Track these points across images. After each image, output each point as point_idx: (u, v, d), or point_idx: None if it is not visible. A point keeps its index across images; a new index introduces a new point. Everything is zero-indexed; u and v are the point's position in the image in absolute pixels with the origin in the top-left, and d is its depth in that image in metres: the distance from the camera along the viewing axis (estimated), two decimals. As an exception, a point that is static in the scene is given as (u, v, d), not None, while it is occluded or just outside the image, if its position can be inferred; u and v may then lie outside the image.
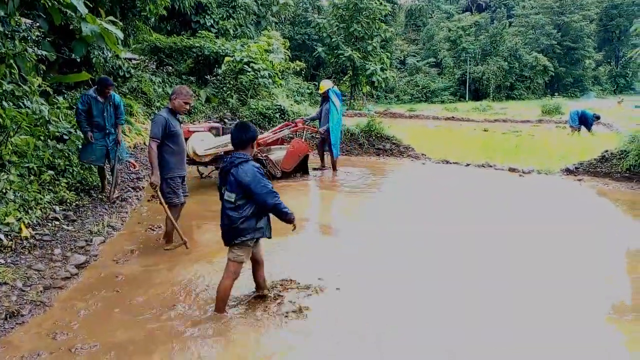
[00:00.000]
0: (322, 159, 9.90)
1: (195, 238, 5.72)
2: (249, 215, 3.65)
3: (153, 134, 4.93)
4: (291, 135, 10.14)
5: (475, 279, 4.72)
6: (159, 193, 5.00)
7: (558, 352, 3.43)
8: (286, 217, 3.67)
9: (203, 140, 7.95)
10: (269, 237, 3.93)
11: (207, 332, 3.61)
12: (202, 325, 3.70)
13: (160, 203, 5.06)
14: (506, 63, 46.28)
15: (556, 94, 37.86)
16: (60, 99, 8.49)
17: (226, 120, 10.54)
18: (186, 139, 7.69)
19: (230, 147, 7.37)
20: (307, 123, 9.86)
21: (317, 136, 9.16)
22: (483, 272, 4.91)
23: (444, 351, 3.42)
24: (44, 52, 7.22)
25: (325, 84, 9.29)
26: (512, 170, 9.91)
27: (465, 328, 3.75)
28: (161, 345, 3.43)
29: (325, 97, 9.28)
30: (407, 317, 3.91)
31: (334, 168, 9.62)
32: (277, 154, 8.81)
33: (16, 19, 6.05)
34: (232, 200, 3.62)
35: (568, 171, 9.71)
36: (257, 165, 3.67)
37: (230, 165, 3.63)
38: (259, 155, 8.37)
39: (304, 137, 9.49)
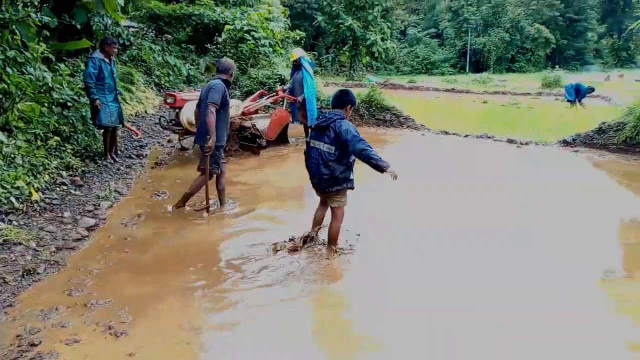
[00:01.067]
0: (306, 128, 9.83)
1: (196, 204, 5.85)
2: (346, 167, 4.19)
3: (214, 99, 5.05)
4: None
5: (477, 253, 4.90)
6: (206, 159, 5.19)
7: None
8: (376, 162, 4.00)
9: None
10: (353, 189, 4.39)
11: (214, 286, 3.81)
12: (209, 280, 3.90)
13: (201, 168, 5.30)
14: (508, 35, 45.78)
15: (557, 66, 37.57)
16: (62, 66, 8.50)
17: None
18: (179, 108, 7.95)
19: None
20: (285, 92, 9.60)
21: (296, 105, 9.08)
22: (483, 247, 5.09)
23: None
24: (47, 19, 7.21)
25: (297, 52, 9.10)
26: (510, 141, 10.03)
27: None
28: (170, 299, 3.64)
29: (298, 66, 8.97)
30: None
31: (307, 134, 9.62)
32: (261, 123, 8.83)
33: (21, -15, 6.02)
34: (333, 151, 4.13)
35: (565, 142, 9.84)
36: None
37: (329, 121, 4.15)
38: (244, 123, 8.32)
39: (284, 106, 9.39)
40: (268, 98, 9.40)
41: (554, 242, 5.00)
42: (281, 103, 9.55)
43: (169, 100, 8.40)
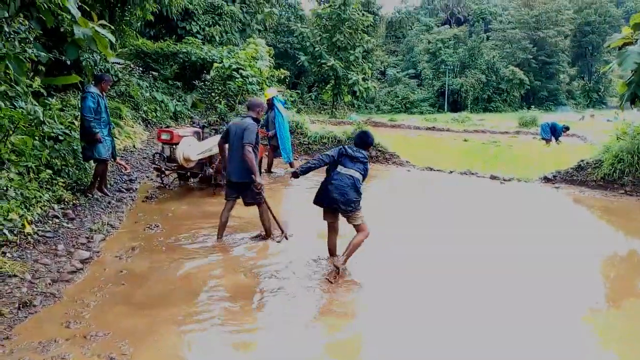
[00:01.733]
0: (270, 165, 10.19)
1: (190, 237, 5.86)
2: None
3: (250, 140, 5.36)
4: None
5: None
6: (261, 194, 5.60)
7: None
8: None
9: (190, 145, 7.81)
10: None
11: (211, 319, 3.81)
12: (206, 313, 3.90)
13: (263, 203, 5.70)
14: (484, 76, 47.45)
15: (532, 106, 38.87)
16: (53, 100, 8.53)
17: (194, 121, 10.02)
18: (175, 144, 7.79)
19: (215, 151, 7.64)
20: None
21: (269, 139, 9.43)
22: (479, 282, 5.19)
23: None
24: (42, 54, 7.30)
25: (271, 92, 9.43)
26: (493, 178, 10.29)
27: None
28: (168, 331, 3.63)
29: (271, 105, 9.26)
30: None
31: (269, 169, 10.07)
32: None
33: (20, 20, 6.14)
34: (361, 180, 4.90)
35: (546, 179, 10.13)
36: None
37: (363, 156, 4.91)
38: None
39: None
40: None
41: (543, 276, 5.13)
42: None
43: (164, 137, 8.03)
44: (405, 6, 64.00)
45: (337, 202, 4.77)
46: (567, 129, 18.80)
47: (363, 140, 5.00)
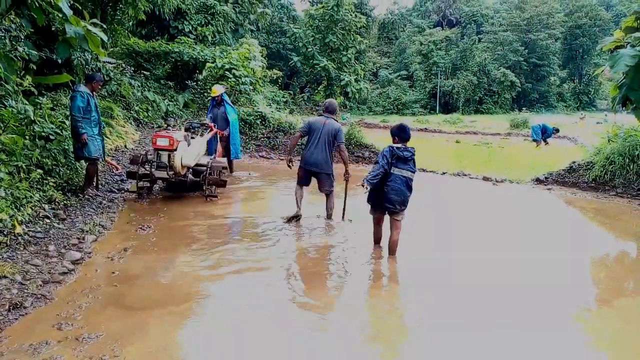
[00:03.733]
0: (230, 164, 9.75)
1: (182, 237, 5.83)
2: None
3: (344, 140, 6.66)
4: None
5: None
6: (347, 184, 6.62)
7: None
8: None
9: (185, 150, 7.39)
10: None
11: (205, 321, 3.77)
12: (199, 314, 3.86)
13: (327, 189, 6.65)
14: (475, 78, 47.63)
15: (523, 109, 39.13)
16: (43, 99, 8.44)
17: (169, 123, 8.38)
18: (173, 150, 7.04)
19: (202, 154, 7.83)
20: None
21: (222, 140, 9.15)
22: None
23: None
24: (33, 52, 7.22)
25: (218, 89, 9.13)
26: (486, 179, 10.34)
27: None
28: (162, 333, 3.60)
29: (219, 102, 9.14)
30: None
31: (231, 170, 9.73)
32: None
33: (11, 18, 6.06)
34: (412, 178, 5.17)
35: (538, 181, 10.19)
36: None
37: (411, 153, 5.21)
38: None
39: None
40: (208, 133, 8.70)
41: (534, 275, 5.15)
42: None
43: (161, 143, 7.11)
44: (398, 8, 64.17)
45: (395, 203, 5.16)
46: (557, 131, 19.07)
47: (408, 133, 5.36)
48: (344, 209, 6.87)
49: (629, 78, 8.53)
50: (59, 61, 9.48)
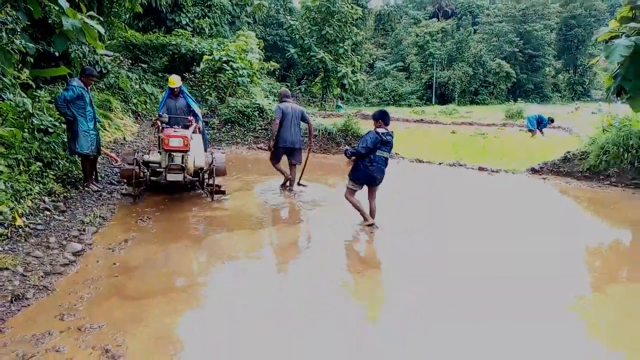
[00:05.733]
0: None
1: (182, 227, 5.88)
2: None
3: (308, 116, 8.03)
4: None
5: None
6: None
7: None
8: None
9: (197, 150, 6.97)
10: None
11: (205, 312, 3.84)
12: (203, 303, 3.93)
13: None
14: (471, 69, 47.68)
15: (519, 99, 39.20)
16: (41, 92, 8.45)
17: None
18: (186, 151, 6.57)
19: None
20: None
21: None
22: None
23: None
24: (30, 45, 7.22)
25: (177, 80, 8.15)
26: (481, 169, 10.41)
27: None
28: (163, 323, 3.64)
29: (177, 93, 8.08)
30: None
31: None
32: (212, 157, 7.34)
33: (8, 11, 6.06)
34: (389, 157, 6.04)
35: (533, 170, 10.27)
36: None
37: (391, 137, 5.95)
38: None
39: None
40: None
41: (528, 264, 5.23)
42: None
43: (175, 143, 6.48)
44: (394, -1, 64.00)
45: (377, 179, 6.00)
46: (552, 121, 19.18)
47: (389, 118, 6.04)
48: (300, 176, 8.12)
49: (623, 68, 8.60)
50: (57, 54, 9.48)
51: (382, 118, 5.93)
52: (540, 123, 18.18)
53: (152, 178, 6.76)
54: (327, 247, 5.61)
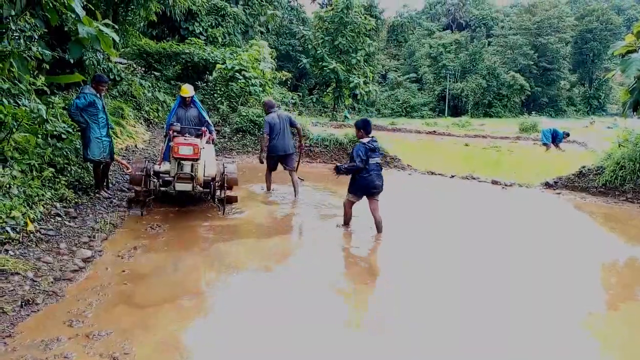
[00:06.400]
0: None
1: (192, 235, 5.87)
2: None
3: (297, 121, 8.36)
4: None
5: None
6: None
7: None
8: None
9: (208, 159, 6.82)
10: None
11: (213, 320, 3.80)
12: (212, 311, 3.90)
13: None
14: (484, 81, 47.56)
15: (533, 112, 38.96)
16: (56, 98, 8.54)
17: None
18: (195, 160, 6.32)
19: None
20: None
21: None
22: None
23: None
24: (46, 52, 7.31)
25: (190, 89, 7.85)
26: (494, 182, 10.30)
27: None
28: (171, 331, 3.62)
29: (188, 103, 7.82)
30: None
31: None
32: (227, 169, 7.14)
33: (26, 19, 6.14)
34: (380, 162, 6.23)
35: (547, 185, 10.14)
36: None
37: (377, 142, 6.13)
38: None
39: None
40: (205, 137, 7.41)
41: (545, 281, 5.13)
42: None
43: (185, 152, 6.23)
44: (407, 10, 64.14)
45: (379, 186, 6.11)
46: (568, 135, 19.01)
47: (371, 127, 6.20)
48: (297, 167, 8.52)
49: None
50: (71, 61, 9.60)
51: (364, 127, 6.14)
52: (556, 137, 17.98)
53: (162, 188, 6.65)
54: (336, 257, 5.57)
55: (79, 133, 7.00)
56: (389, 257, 5.68)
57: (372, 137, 6.16)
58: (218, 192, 6.97)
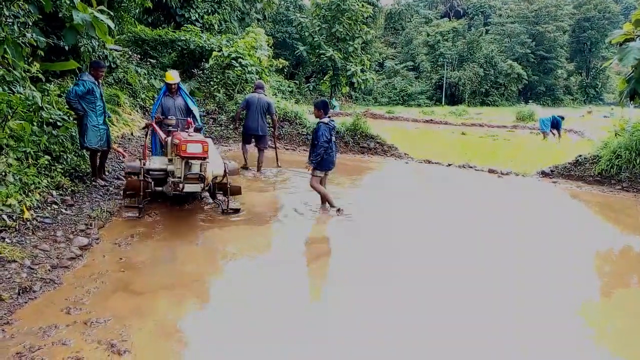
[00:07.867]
0: None
1: (188, 223, 5.87)
2: None
3: (274, 111, 9.40)
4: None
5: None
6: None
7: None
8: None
9: (213, 157, 6.28)
10: None
11: (209, 308, 3.81)
12: (209, 299, 3.91)
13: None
14: (482, 69, 47.40)
15: (530, 101, 38.93)
16: (51, 86, 8.47)
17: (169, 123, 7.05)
18: (204, 158, 5.73)
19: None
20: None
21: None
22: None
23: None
24: (41, 39, 7.23)
25: (175, 75, 7.37)
26: (491, 171, 10.32)
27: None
28: (165, 318, 3.65)
29: (175, 90, 7.31)
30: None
31: None
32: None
33: (20, 4, 6.07)
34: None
35: (543, 173, 10.16)
36: None
37: (334, 122, 6.70)
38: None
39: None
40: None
41: (537, 268, 5.17)
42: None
43: (193, 150, 5.60)
44: (405, -2, 63.66)
45: (334, 163, 6.72)
46: (562, 118, 18.76)
47: (328, 108, 6.59)
48: (276, 157, 9.69)
49: (637, 72, 8.50)
50: (66, 48, 9.48)
51: (324, 108, 6.55)
52: (558, 125, 17.62)
53: (157, 188, 6.03)
54: (333, 245, 5.58)
55: (75, 121, 6.96)
56: (386, 244, 5.70)
57: (330, 117, 6.58)
58: (220, 197, 6.50)
